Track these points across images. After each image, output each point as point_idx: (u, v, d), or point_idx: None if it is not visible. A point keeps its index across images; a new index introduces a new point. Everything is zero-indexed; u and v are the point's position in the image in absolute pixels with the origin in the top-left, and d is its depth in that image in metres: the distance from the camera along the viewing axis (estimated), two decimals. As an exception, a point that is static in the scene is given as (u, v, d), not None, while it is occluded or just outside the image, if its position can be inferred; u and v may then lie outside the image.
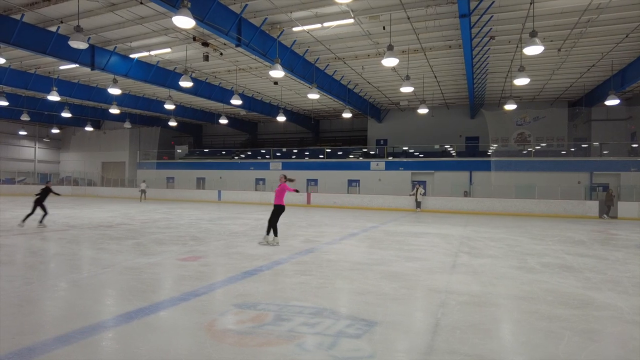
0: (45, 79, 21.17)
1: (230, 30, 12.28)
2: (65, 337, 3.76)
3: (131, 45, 16.39)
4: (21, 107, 27.49)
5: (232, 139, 38.54)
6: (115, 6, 12.79)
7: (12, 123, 36.89)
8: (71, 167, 42.06)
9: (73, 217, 15.66)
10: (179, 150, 37.21)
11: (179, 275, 6.30)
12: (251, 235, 11.23)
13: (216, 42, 15.72)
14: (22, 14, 13.16)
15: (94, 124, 36.50)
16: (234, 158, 33.51)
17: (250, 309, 4.63)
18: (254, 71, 20.08)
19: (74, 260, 7.62)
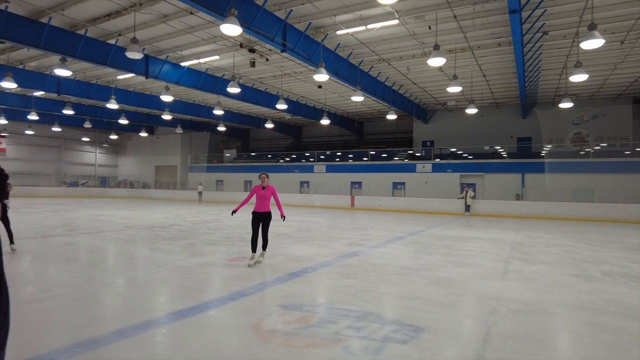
0: (105, 89, 22.61)
1: (275, 36, 12.52)
2: (123, 331, 3.98)
3: (182, 54, 17.13)
4: (84, 115, 29.52)
5: (277, 142, 39.23)
6: (167, 17, 13.43)
7: (76, 130, 39.72)
8: (127, 170, 44.57)
9: (129, 218, 16.56)
10: (228, 154, 38.37)
11: (227, 275, 6.48)
12: (296, 237, 11.36)
13: (262, 48, 16.09)
14: (86, 29, 14.14)
15: (148, 129, 38.49)
16: (279, 161, 34.06)
17: (296, 310, 4.68)
18: (299, 76, 20.34)
19: (130, 259, 8.05)
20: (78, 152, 42.87)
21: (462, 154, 27.56)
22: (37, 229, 11.89)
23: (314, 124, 35.09)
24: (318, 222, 16.35)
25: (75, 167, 42.33)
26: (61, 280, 6.07)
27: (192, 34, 14.83)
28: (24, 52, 16.99)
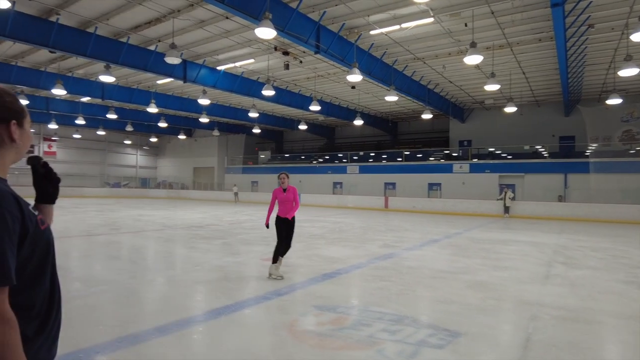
0: (146, 93, 23.51)
1: (309, 38, 12.59)
2: (163, 328, 4.11)
3: (218, 58, 17.54)
4: (126, 119, 30.81)
5: (310, 143, 39.44)
6: (204, 22, 13.79)
7: (119, 133, 41.48)
8: (166, 172, 46.12)
9: (168, 218, 17.12)
10: (262, 156, 38.95)
11: (262, 274, 6.57)
12: (329, 238, 11.36)
13: (296, 50, 16.22)
14: (128, 36, 14.75)
15: (186, 132, 39.67)
16: (312, 162, 34.22)
17: (330, 312, 4.68)
18: (332, 77, 20.37)
19: (169, 257, 8.32)
20: (120, 155, 44.80)
21: (500, 154, 26.68)
22: (83, 228, 12.50)
23: (347, 124, 35.02)
24: (351, 223, 16.29)
25: (118, 168, 44.26)
26: (105, 277, 6.35)
27: (227, 38, 15.15)
28: (73, 60, 17.93)
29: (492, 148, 27.16)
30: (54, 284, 1.27)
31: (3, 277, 1.05)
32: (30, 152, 1.45)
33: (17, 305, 1.12)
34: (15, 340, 1.07)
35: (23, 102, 1.31)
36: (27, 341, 1.15)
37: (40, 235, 1.21)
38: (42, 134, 37.50)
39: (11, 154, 1.25)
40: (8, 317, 1.06)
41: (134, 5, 12.35)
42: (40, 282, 1.22)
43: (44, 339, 1.23)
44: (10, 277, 1.07)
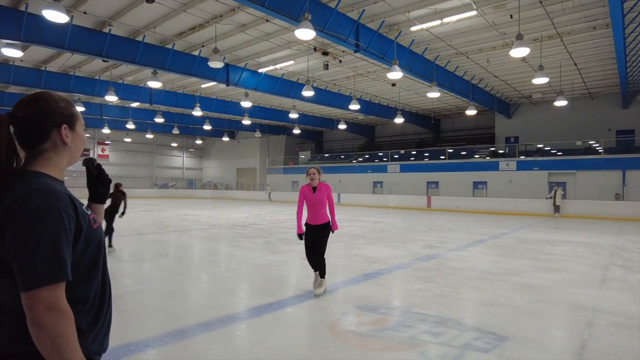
0: (190, 97, 24.36)
1: (348, 37, 12.55)
2: (208, 324, 4.24)
3: (259, 61, 17.87)
4: (172, 122, 32.07)
5: (350, 143, 39.33)
6: (245, 26, 14.09)
7: (166, 136, 43.33)
8: (211, 173, 47.59)
9: (213, 217, 17.64)
10: (302, 156, 39.30)
11: (303, 273, 6.62)
12: (370, 237, 11.27)
13: (335, 50, 16.22)
14: (174, 43, 15.35)
15: (229, 134, 40.74)
16: (352, 162, 34.09)
17: (371, 312, 4.64)
18: (372, 75, 20.20)
19: (214, 255, 8.57)
20: (168, 157, 46.74)
21: (550, 150, 25.37)
22: (133, 227, 13.14)
23: (387, 122, 34.61)
24: (392, 223, 16.08)
25: (165, 170, 46.22)
26: (154, 274, 6.63)
27: (268, 40, 15.39)
28: (123, 68, 18.90)
29: (541, 144, 25.90)
30: (105, 280, 1.35)
31: (60, 273, 1.12)
32: (85, 155, 1.54)
33: (72, 299, 1.19)
34: (71, 331, 1.13)
35: (79, 109, 1.39)
36: (82, 333, 1.22)
37: (92, 234, 1.28)
38: (96, 138, 39.85)
39: (65, 156, 1.32)
40: (65, 310, 1.12)
41: (179, 13, 12.81)
42: (93, 277, 1.29)
43: (97, 331, 1.30)
44: (66, 273, 1.13)
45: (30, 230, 1.10)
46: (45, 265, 1.09)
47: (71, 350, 1.12)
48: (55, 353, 1.09)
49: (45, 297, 1.09)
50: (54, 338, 1.09)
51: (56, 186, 1.21)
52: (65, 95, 1.38)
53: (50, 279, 1.10)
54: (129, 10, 12.59)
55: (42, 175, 1.23)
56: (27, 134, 1.25)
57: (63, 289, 1.14)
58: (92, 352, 1.28)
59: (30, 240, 1.09)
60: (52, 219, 1.12)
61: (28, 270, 1.09)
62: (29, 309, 1.08)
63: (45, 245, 1.10)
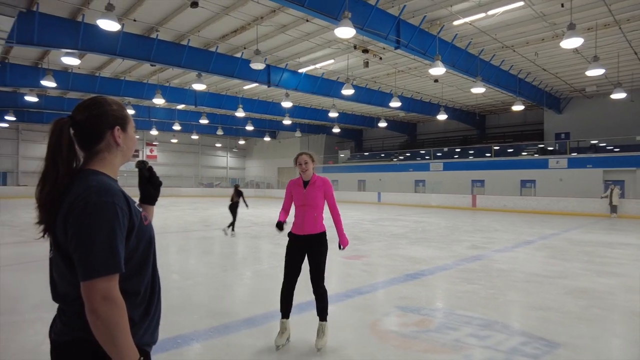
0: (233, 99, 24.98)
1: (389, 34, 12.39)
2: (251, 320, 4.33)
3: (299, 61, 18.02)
4: (216, 123, 33.02)
5: (390, 141, 38.84)
6: (285, 27, 14.25)
7: (210, 137, 44.71)
8: (254, 172, 48.62)
9: (256, 215, 18.00)
10: (342, 155, 39.26)
11: (344, 272, 6.62)
12: (412, 237, 11.08)
13: (375, 47, 16.07)
14: (217, 46, 15.79)
15: (270, 134, 41.42)
16: (393, 160, 33.65)
17: (413, 313, 4.56)
18: (413, 71, 19.84)
19: (256, 252, 8.75)
20: (212, 157, 48.25)
21: (605, 147, 23.84)
22: (180, 225, 13.65)
23: (429, 119, 33.88)
24: (435, 222, 15.73)
25: (210, 169, 47.75)
26: (200, 270, 6.86)
27: (308, 40, 15.49)
28: (169, 71, 19.69)
29: (595, 140, 24.40)
30: (155, 274, 1.42)
31: (115, 265, 1.19)
32: (135, 156, 1.63)
33: (125, 291, 1.26)
34: (124, 321, 1.20)
35: (129, 112, 1.47)
36: (134, 325, 1.29)
37: (144, 230, 1.35)
38: (145, 139, 41.74)
39: (118, 156, 1.40)
40: (119, 300, 1.19)
41: (222, 16, 13.16)
42: (144, 271, 1.36)
43: (148, 323, 1.37)
44: (120, 265, 1.20)
45: (89, 225, 1.17)
46: (102, 258, 1.17)
47: (124, 338, 1.19)
48: (110, 340, 1.17)
49: (101, 288, 1.16)
50: (109, 326, 1.16)
51: (112, 184, 1.29)
52: (118, 99, 1.46)
53: (106, 270, 1.17)
54: (175, 15, 13.08)
55: (99, 174, 1.31)
56: (85, 135, 1.34)
57: (117, 281, 1.21)
58: (144, 343, 1.35)
59: (89, 234, 1.17)
60: (108, 214, 1.20)
61: (86, 261, 1.16)
62: (86, 298, 1.16)
63: (102, 238, 1.17)
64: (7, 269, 6.74)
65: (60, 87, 18.48)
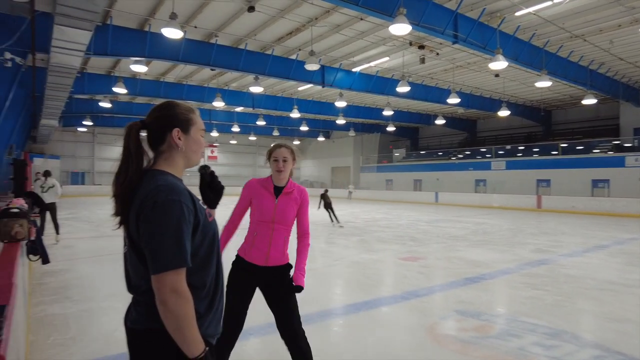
0: (289, 100, 25.45)
1: (446, 29, 12.00)
2: (306, 317, 4.36)
3: (353, 60, 17.97)
4: (272, 124, 33.83)
5: (448, 139, 37.59)
6: (339, 27, 14.27)
7: (267, 138, 45.86)
8: (308, 172, 49.26)
9: (309, 214, 18.17)
10: (397, 154, 38.64)
11: (400, 273, 6.51)
12: (472, 239, 10.66)
13: (432, 43, 15.63)
14: (273, 48, 16.16)
15: (324, 134, 41.72)
16: (451, 158, 32.55)
17: (473, 318, 4.39)
18: (472, 66, 19.07)
19: (310, 251, 8.83)
20: (269, 157, 49.58)
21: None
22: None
23: (490, 116, 32.38)
24: (497, 224, 15.02)
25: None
26: (257, 268, 7.05)
27: (362, 39, 15.40)
28: (228, 75, 20.44)
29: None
30: (218, 269, 1.48)
31: (182, 260, 1.26)
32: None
33: (191, 285, 1.33)
34: (191, 313, 1.27)
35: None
36: (200, 317, 1.36)
37: (208, 226, 1.42)
38: (206, 141, 43.75)
39: (180, 157, 1.46)
40: (186, 293, 1.26)
41: (277, 19, 13.44)
42: (208, 266, 1.42)
43: (212, 315, 1.44)
44: (187, 260, 1.28)
45: (158, 222, 1.25)
46: (170, 252, 1.24)
47: (190, 329, 1.25)
48: (178, 330, 1.24)
49: (170, 281, 1.24)
50: (177, 317, 1.23)
51: (177, 183, 1.37)
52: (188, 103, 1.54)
53: (173, 264, 1.24)
54: (233, 20, 13.55)
55: (165, 173, 1.40)
56: (151, 136, 1.44)
57: (184, 274, 1.28)
58: (208, 335, 1.41)
59: (158, 230, 1.25)
60: (176, 212, 1.27)
61: (156, 256, 1.25)
62: (157, 290, 1.24)
63: (170, 235, 1.25)
64: (85, 261, 7.35)
65: (129, 92, 19.82)
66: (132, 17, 13.00)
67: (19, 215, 3.97)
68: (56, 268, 6.34)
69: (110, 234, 11.26)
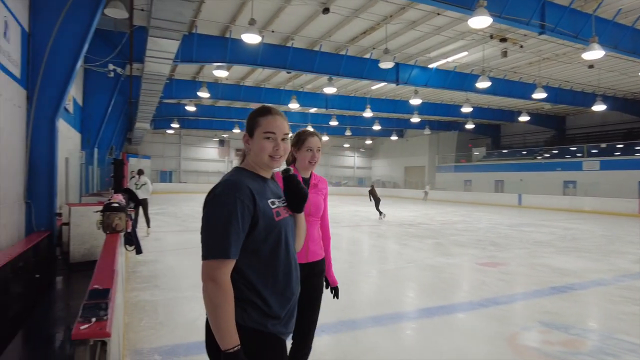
0: (361, 100, 25.38)
1: (531, 19, 11.16)
2: (377, 318, 4.35)
3: (429, 56, 17.43)
4: (345, 125, 33.98)
5: (533, 137, 34.92)
6: (414, 23, 13.92)
7: (339, 138, 46.21)
8: (380, 171, 48.77)
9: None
10: (476, 153, 36.77)
11: (477, 279, 6.20)
12: (559, 246, 9.82)
13: (515, 35, 14.64)
14: (347, 49, 16.22)
15: (398, 133, 40.96)
16: (537, 158, 30.22)
17: (560, 331, 4.04)
18: (561, 58, 17.53)
19: (382, 252, 8.74)
20: (340, 157, 49.89)
21: None
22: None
23: (582, 111, 29.53)
24: (589, 230, 13.67)
25: (338, 169, 49.44)
26: (329, 266, 7.13)
27: (439, 34, 14.88)
28: (303, 77, 20.92)
29: None
30: (287, 267, 1.49)
31: (224, 251, 1.31)
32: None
33: (256, 282, 1.39)
34: (227, 306, 1.30)
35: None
36: (267, 315, 1.40)
37: (274, 225, 1.45)
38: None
39: (250, 158, 1.54)
40: (224, 284, 1.31)
41: (352, 19, 13.47)
42: (275, 263, 1.45)
43: (280, 315, 1.46)
44: (228, 252, 1.32)
45: (210, 213, 1.35)
46: (214, 242, 1.32)
47: (225, 322, 1.29)
48: (213, 320, 1.31)
49: (210, 268, 1.31)
50: (212, 306, 1.30)
51: (242, 180, 1.42)
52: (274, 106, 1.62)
53: (214, 254, 1.31)
54: (308, 23, 13.83)
55: (239, 169, 1.50)
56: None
57: (226, 266, 1.32)
58: (279, 332, 1.45)
59: (209, 220, 1.35)
60: (229, 205, 1.34)
61: (204, 244, 1.34)
62: (201, 277, 1.33)
63: (218, 226, 1.33)
64: (172, 253, 7.97)
65: (212, 96, 21.11)
66: (215, 25, 13.82)
67: (118, 210, 4.42)
68: (147, 258, 6.96)
69: (195, 228, 12.12)
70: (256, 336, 1.38)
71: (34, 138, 5.66)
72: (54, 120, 5.81)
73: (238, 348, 1.29)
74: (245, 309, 1.37)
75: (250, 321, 1.38)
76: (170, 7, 7.38)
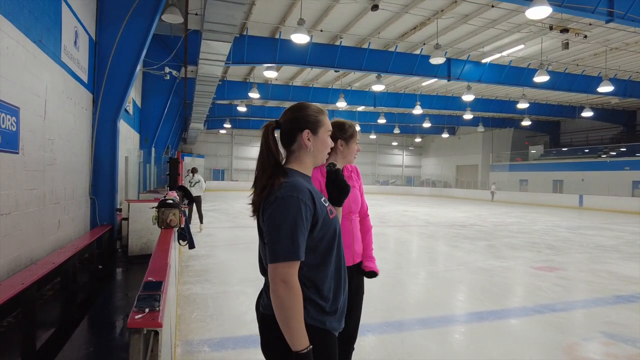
0: (411, 96, 24.87)
1: (597, 6, 10.39)
2: (425, 320, 4.26)
3: (483, 51, 16.75)
4: (393, 122, 33.47)
5: (597, 134, 32.56)
6: (467, 17, 13.43)
7: (387, 136, 45.65)
8: (430, 170, 47.54)
9: (431, 215, 17.58)
10: (533, 151, 34.89)
11: (532, 284, 5.89)
12: (626, 251, 9.10)
13: (578, 24, 13.72)
14: (396, 45, 15.97)
15: (449, 130, 39.71)
16: (601, 156, 28.17)
17: (626, 344, 3.75)
18: (631, 47, 16.20)
19: (431, 253, 8.54)
20: (388, 155, 49.16)
21: None
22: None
23: (655, 106, 27.17)
24: (662, 234, 12.55)
25: (386, 168, 48.76)
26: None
27: (493, 27, 14.26)
28: (351, 75, 20.86)
29: None
30: (339, 265, 1.51)
31: (294, 253, 1.32)
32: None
33: (312, 280, 1.40)
34: (298, 307, 1.31)
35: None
36: (322, 312, 1.42)
37: (329, 223, 1.46)
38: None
39: (308, 156, 1.54)
40: (295, 286, 1.32)
41: (401, 15, 13.24)
42: (329, 260, 1.46)
43: (335, 310, 1.48)
44: (299, 254, 1.33)
45: (276, 216, 1.35)
46: (284, 245, 1.32)
47: (296, 323, 1.30)
48: (284, 321, 1.31)
49: (281, 271, 1.31)
50: (284, 308, 1.30)
51: (301, 181, 1.44)
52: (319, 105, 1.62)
53: (285, 256, 1.32)
54: (357, 21, 13.76)
55: (292, 171, 1.49)
56: (283, 136, 1.55)
57: (296, 268, 1.34)
58: (332, 328, 1.47)
59: (275, 223, 1.34)
60: (293, 207, 1.35)
61: (272, 247, 1.34)
62: (270, 279, 1.34)
63: (285, 228, 1.33)
64: (222, 248, 8.25)
65: (262, 97, 21.61)
66: (265, 27, 14.12)
67: (173, 206, 4.65)
68: (199, 253, 7.25)
69: (245, 224, 12.50)
70: (317, 333, 1.39)
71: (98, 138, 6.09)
72: (115, 121, 6.22)
73: (310, 348, 1.31)
74: (306, 307, 1.38)
75: (310, 319, 1.39)
76: (222, 11, 7.64)
